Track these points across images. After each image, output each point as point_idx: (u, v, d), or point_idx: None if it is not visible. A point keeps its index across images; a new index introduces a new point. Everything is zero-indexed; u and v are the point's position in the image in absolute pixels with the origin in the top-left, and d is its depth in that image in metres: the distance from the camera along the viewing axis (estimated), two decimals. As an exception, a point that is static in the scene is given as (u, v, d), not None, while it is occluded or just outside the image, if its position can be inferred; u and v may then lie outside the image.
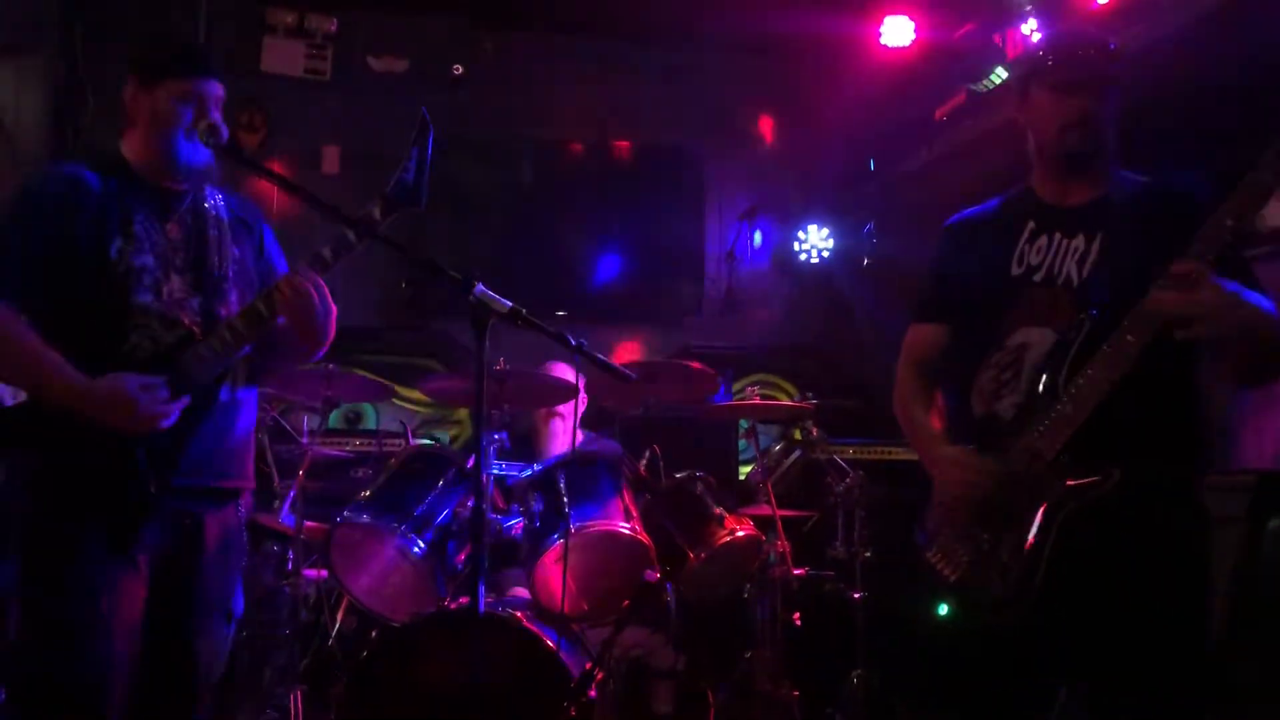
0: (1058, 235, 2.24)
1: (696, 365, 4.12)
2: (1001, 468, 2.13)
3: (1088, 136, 2.20)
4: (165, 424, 2.26)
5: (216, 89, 2.44)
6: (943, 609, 2.22)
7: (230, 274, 2.47)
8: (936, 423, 2.37)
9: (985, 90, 4.74)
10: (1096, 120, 2.19)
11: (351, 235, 2.36)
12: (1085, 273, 2.18)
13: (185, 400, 2.29)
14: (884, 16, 5.24)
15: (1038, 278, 2.23)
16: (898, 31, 5.24)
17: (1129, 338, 2.02)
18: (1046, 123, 2.23)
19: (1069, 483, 2.06)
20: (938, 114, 5.23)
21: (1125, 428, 2.06)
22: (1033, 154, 2.34)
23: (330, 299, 2.40)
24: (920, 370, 2.45)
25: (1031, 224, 2.28)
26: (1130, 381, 2.03)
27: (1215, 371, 2.15)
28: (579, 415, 4.27)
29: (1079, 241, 2.21)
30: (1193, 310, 1.95)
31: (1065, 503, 2.06)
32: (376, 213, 2.37)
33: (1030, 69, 2.30)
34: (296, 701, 3.61)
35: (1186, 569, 2.11)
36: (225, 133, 2.41)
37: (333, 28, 5.77)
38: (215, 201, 2.53)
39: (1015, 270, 2.26)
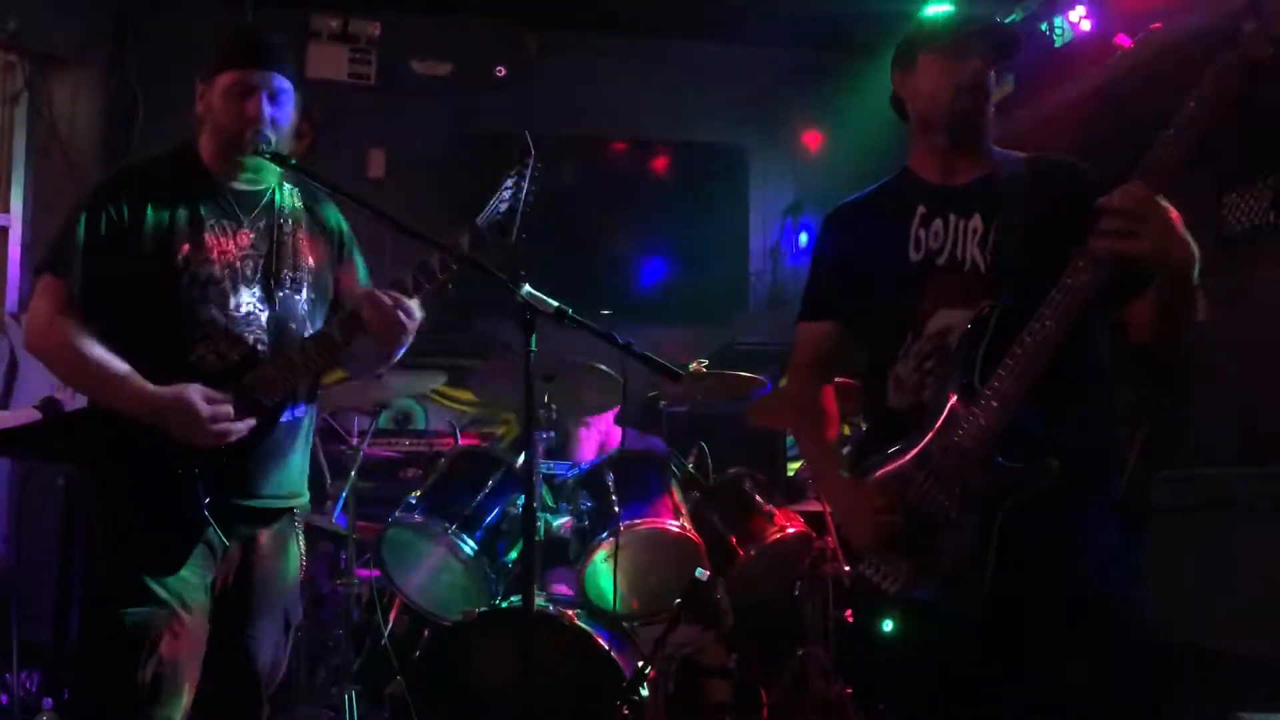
0: (951, 216, 2.17)
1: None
2: (912, 487, 2.04)
3: (983, 100, 2.16)
4: (231, 440, 2.20)
5: (278, 81, 2.30)
6: (887, 623, 2.13)
7: (304, 285, 2.38)
8: (831, 436, 2.29)
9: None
10: (989, 86, 2.16)
11: (436, 264, 2.25)
12: (988, 255, 2.12)
13: (252, 421, 2.22)
14: (925, 5, 5.18)
15: (941, 261, 2.15)
16: (941, 21, 5.17)
17: (1047, 324, 1.93)
18: (939, 87, 2.17)
19: (1004, 479, 1.97)
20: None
21: (1052, 418, 2.00)
22: (914, 130, 2.27)
23: (418, 319, 2.27)
24: (812, 372, 2.36)
25: (922, 208, 2.20)
26: (1052, 372, 1.95)
27: (1132, 318, 2.03)
28: (618, 416, 4.27)
29: (975, 222, 2.14)
30: (1138, 218, 1.83)
31: (1002, 499, 1.97)
32: (465, 243, 2.26)
33: (920, 38, 2.24)
34: (351, 701, 3.64)
35: (1127, 554, 2.10)
36: (265, 137, 2.26)
37: (376, 32, 5.81)
38: (292, 203, 2.41)
39: (914, 256, 2.18)
